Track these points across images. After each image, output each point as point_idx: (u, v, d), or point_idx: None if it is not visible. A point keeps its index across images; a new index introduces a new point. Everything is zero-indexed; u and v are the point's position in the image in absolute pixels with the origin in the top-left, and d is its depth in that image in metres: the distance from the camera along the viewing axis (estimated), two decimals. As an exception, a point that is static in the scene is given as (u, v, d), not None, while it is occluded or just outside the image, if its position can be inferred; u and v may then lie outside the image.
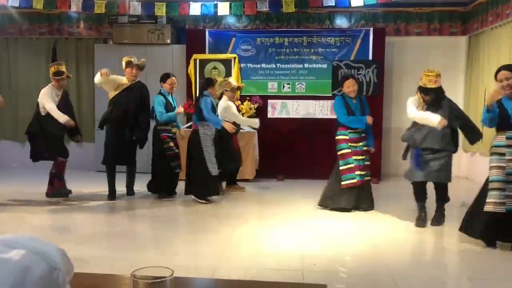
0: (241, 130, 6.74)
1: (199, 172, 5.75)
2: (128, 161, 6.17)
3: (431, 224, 4.85)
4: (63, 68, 5.98)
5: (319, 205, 5.63)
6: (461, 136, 5.04)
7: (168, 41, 8.06)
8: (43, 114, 5.78)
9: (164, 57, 8.14)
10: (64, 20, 8.75)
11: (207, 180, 5.76)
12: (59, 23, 8.77)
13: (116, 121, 5.92)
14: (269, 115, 7.88)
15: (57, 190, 5.87)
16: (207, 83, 6.10)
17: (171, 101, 6.29)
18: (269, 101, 7.89)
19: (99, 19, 8.57)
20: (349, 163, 5.35)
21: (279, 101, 7.89)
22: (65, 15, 8.63)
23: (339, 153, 5.44)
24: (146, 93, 6.19)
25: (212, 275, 3.29)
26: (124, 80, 6.12)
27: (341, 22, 8.24)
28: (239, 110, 6.95)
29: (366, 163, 5.45)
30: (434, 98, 4.75)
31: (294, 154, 7.67)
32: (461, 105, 8.08)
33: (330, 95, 7.66)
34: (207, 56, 7.90)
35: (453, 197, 5.02)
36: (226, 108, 6.20)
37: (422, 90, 4.79)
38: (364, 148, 5.46)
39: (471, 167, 7.86)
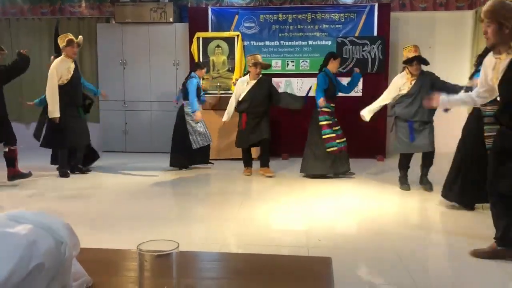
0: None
1: (181, 144, 6.47)
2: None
3: (427, 188, 5.26)
4: (71, 36, 6.12)
5: (301, 172, 6.24)
6: (466, 114, 5.01)
7: (171, 19, 7.98)
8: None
9: (166, 36, 8.09)
10: (66, 0, 8.67)
11: (188, 151, 6.48)
12: (61, 3, 8.70)
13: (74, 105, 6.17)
14: (274, 93, 7.82)
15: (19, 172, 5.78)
16: (196, 65, 6.73)
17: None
18: (274, 79, 7.82)
19: (100, -2, 8.49)
20: (330, 133, 5.94)
21: (283, 79, 7.84)
22: (66, -5, 8.56)
23: (321, 123, 5.97)
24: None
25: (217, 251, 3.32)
26: (69, 61, 6.09)
27: (346, -3, 8.12)
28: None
29: (340, 132, 6.07)
30: (419, 65, 5.27)
31: (298, 132, 7.63)
32: (466, 81, 8.02)
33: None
34: (210, 34, 7.83)
35: (444, 166, 5.05)
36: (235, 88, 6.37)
37: (407, 62, 5.28)
38: (336, 120, 6.08)
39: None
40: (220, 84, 7.75)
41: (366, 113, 5.56)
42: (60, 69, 5.97)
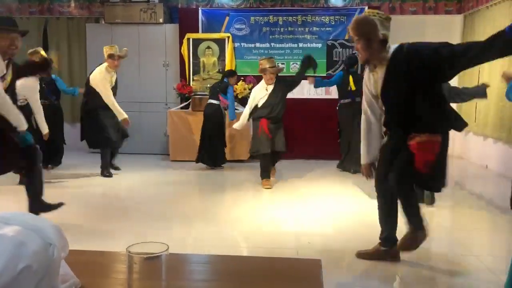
0: (236, 111, 6.72)
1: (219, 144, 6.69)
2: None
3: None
4: (112, 51, 6.18)
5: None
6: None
7: (161, 20, 7.96)
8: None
9: (156, 37, 8.06)
10: (55, -1, 8.61)
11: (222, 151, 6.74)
12: (50, 2, 8.63)
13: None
14: (264, 95, 7.83)
15: None
16: (230, 73, 6.75)
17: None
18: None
19: (90, -2, 8.44)
20: None
21: (273, 81, 7.83)
22: (55, -6, 8.50)
23: None
24: None
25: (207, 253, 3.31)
26: (109, 71, 6.21)
27: (336, 0, 8.16)
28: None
29: None
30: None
31: (288, 134, 7.62)
32: (455, 83, 8.10)
33: (325, 75, 7.63)
34: (200, 35, 7.82)
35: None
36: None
37: None
38: None
39: (464, 147, 7.90)
40: (210, 85, 7.73)
41: None
42: (106, 78, 6.14)
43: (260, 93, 5.78)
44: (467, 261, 3.39)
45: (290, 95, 7.76)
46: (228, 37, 7.75)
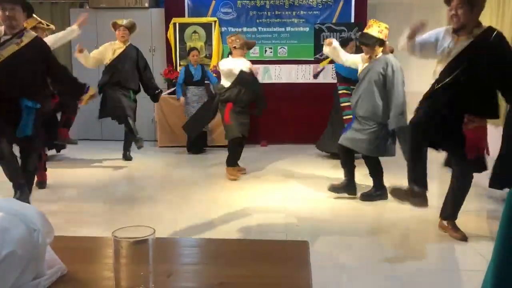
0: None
1: None
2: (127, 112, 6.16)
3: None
4: (116, 20, 6.31)
5: (316, 147, 6.61)
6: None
7: (146, 4, 7.84)
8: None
9: (142, 21, 7.92)
10: (37, -17, 8.42)
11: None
12: (32, -14, 8.44)
13: (119, 84, 6.06)
14: (251, 80, 7.80)
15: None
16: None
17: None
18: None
19: (73, -18, 8.28)
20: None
21: (261, 66, 7.80)
22: (38, -22, 8.31)
23: (342, 105, 5.98)
24: (141, 54, 6.38)
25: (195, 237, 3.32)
26: (117, 44, 6.24)
27: (323, -16, 8.10)
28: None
29: (344, 117, 5.98)
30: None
31: (277, 119, 7.66)
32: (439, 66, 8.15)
33: (313, 59, 7.61)
34: (186, 20, 7.73)
35: (438, 163, 5.11)
36: None
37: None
38: (342, 105, 6.05)
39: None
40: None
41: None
42: (105, 49, 6.18)
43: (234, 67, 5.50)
44: (450, 244, 3.45)
45: (276, 79, 7.77)
46: (215, 21, 7.67)
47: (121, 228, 0.86)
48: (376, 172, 4.51)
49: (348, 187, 4.54)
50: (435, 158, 3.78)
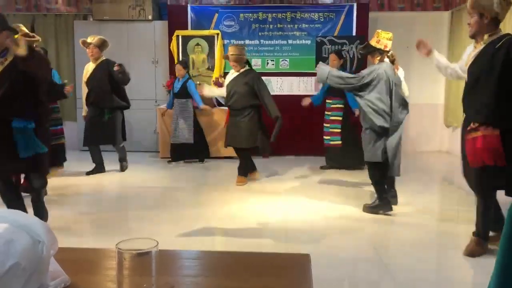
0: (222, 107, 6.76)
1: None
2: (109, 140, 6.23)
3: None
4: (88, 39, 6.04)
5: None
6: (442, 111, 5.08)
7: (150, 17, 7.91)
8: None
9: (146, 34, 8.01)
10: (42, -4, 8.52)
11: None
12: (37, -2, 8.54)
13: (94, 105, 6.02)
14: (253, 92, 7.84)
15: None
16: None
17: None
18: (253, 78, 7.84)
19: (78, -6, 8.37)
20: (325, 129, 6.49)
21: (263, 78, 7.83)
22: (42, -9, 8.41)
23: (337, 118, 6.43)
24: (112, 68, 5.97)
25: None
26: (90, 63, 6.16)
27: (325, -3, 8.19)
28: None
29: (331, 130, 6.40)
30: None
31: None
32: (443, 80, 8.18)
33: (314, 71, 7.64)
34: (189, 32, 7.79)
35: (435, 171, 5.12)
36: None
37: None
38: (331, 118, 6.40)
39: (452, 142, 7.98)
40: (199, 82, 7.70)
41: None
42: (84, 70, 6.14)
43: (228, 78, 5.78)
44: (449, 255, 3.44)
45: (278, 91, 7.81)
46: (218, 34, 7.74)
47: (125, 240, 0.87)
48: (374, 182, 4.50)
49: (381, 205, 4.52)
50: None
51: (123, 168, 6.44)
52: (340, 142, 6.38)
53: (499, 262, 1.34)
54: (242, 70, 5.59)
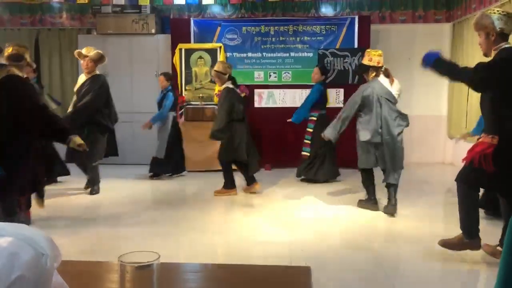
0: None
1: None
2: (84, 158, 5.63)
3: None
4: (84, 50, 5.79)
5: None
6: (445, 123, 5.10)
7: (153, 30, 7.99)
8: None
9: (149, 47, 8.08)
10: (46, 10, 8.62)
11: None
12: (41, 13, 8.64)
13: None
14: (256, 105, 7.89)
15: None
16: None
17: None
18: (256, 90, 7.89)
19: (82, 9, 8.47)
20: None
21: (265, 90, 7.89)
22: (47, 5, 8.52)
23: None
24: (94, 89, 5.66)
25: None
26: (82, 76, 5.84)
27: (327, 10, 8.26)
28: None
29: (304, 140, 6.50)
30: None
31: (281, 143, 7.70)
32: (445, 92, 8.21)
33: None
34: (192, 45, 7.86)
35: (438, 183, 5.11)
36: None
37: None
38: (307, 129, 6.52)
39: (456, 153, 7.97)
40: (202, 95, 7.76)
41: None
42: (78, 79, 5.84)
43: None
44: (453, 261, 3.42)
45: (281, 104, 7.83)
46: (220, 47, 7.80)
47: (127, 253, 0.88)
48: (363, 181, 5.10)
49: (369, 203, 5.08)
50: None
51: (92, 192, 5.82)
52: (307, 153, 6.39)
53: (501, 269, 1.35)
54: (222, 86, 5.76)
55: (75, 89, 5.91)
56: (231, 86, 5.73)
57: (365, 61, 4.92)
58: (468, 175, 3.37)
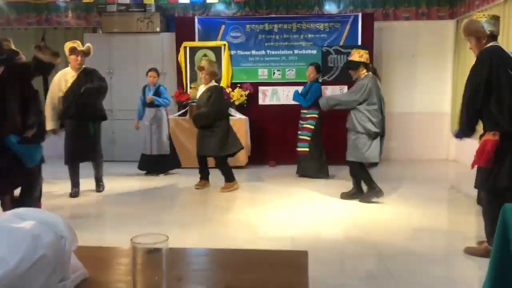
0: (231, 117, 6.80)
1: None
2: (90, 156, 5.70)
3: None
4: (75, 44, 5.56)
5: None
6: (449, 120, 5.15)
7: (158, 29, 8.08)
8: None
9: (154, 46, 8.17)
10: (52, 10, 8.73)
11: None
12: (48, 13, 8.75)
13: (75, 118, 5.41)
14: (260, 102, 7.96)
15: None
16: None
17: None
18: (260, 87, 7.97)
19: (87, 8, 8.57)
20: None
21: (269, 88, 7.97)
22: (53, 5, 8.62)
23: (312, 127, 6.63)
24: (97, 75, 5.66)
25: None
26: (69, 72, 5.60)
27: (330, 7, 8.31)
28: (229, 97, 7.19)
29: (300, 137, 6.63)
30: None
31: (285, 140, 7.76)
32: (449, 89, 8.24)
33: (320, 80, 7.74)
34: (197, 43, 7.94)
35: (442, 180, 5.17)
36: None
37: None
38: (304, 126, 6.60)
39: (459, 150, 8.01)
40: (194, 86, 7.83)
41: None
42: (57, 80, 5.51)
43: (199, 90, 6.09)
44: (455, 260, 3.48)
45: (285, 101, 7.89)
46: (224, 45, 7.87)
47: (138, 236, 0.95)
48: (363, 179, 5.23)
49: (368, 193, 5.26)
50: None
51: (99, 189, 5.85)
52: (307, 149, 6.55)
53: (493, 257, 1.43)
54: (209, 85, 5.86)
55: (64, 89, 5.53)
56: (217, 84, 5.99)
57: (355, 57, 5.13)
58: (487, 179, 3.44)
